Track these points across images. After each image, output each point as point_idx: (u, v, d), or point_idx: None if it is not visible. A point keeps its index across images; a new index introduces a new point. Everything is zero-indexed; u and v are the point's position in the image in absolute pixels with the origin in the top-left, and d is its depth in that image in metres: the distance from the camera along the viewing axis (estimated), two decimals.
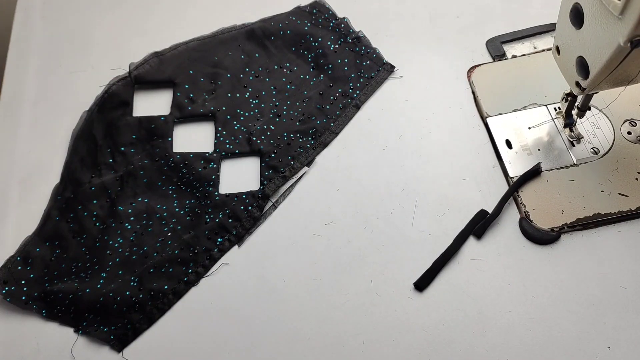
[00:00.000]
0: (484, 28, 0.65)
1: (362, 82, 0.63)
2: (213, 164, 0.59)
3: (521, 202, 0.54)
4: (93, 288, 0.53)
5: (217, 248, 0.55)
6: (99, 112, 0.62)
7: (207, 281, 0.54)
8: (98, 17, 0.71)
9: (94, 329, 0.52)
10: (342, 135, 0.61)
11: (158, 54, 0.65)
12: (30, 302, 0.53)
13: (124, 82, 0.63)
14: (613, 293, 0.50)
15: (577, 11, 0.44)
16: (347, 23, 0.67)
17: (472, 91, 0.61)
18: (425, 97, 0.62)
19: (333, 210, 0.56)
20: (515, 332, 0.49)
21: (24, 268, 0.54)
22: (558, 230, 0.52)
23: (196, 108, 0.62)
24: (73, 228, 0.56)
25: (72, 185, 0.58)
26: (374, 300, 0.52)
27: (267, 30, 0.66)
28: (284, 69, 0.65)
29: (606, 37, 0.42)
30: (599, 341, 0.48)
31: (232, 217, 0.56)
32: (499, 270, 0.52)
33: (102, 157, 0.60)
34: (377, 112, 0.62)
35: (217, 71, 0.64)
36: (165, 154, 0.59)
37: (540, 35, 0.64)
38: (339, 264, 0.53)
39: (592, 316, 0.49)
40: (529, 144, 0.57)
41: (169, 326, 0.52)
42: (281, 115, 0.61)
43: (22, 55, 0.68)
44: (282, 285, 0.53)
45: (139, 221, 0.56)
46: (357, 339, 0.50)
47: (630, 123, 0.57)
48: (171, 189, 0.58)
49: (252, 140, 0.60)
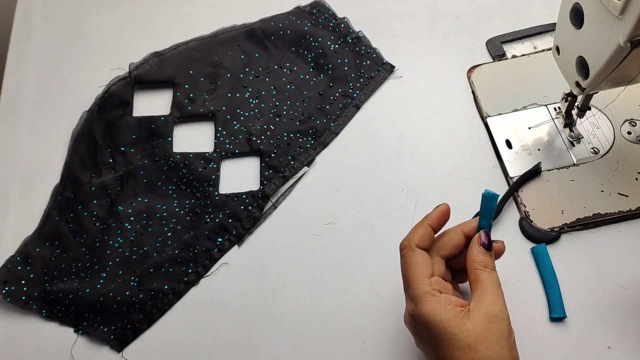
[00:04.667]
0: (484, 28, 0.65)
1: (362, 82, 0.63)
2: (213, 164, 0.59)
3: (521, 202, 0.54)
4: (93, 288, 0.53)
5: (217, 248, 0.55)
6: (99, 112, 0.62)
7: (207, 281, 0.54)
8: (98, 17, 0.71)
9: (94, 329, 0.52)
10: (342, 135, 0.61)
11: (158, 54, 0.65)
12: (30, 302, 0.53)
13: (124, 82, 0.63)
14: (613, 293, 0.50)
15: (577, 11, 0.44)
16: (347, 23, 0.67)
17: (472, 91, 0.61)
18: (425, 97, 0.62)
19: (333, 210, 0.56)
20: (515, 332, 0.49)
21: (24, 268, 0.54)
22: (558, 230, 0.52)
23: (196, 108, 0.62)
24: (73, 228, 0.56)
25: (72, 185, 0.58)
26: (374, 300, 0.52)
27: (267, 30, 0.66)
28: (284, 69, 0.65)
29: (606, 37, 0.42)
30: (599, 341, 0.48)
31: (232, 217, 0.56)
32: (499, 271, 0.51)
33: (102, 157, 0.60)
34: (377, 112, 0.62)
35: (217, 71, 0.64)
36: (165, 154, 0.59)
37: (540, 35, 0.64)
38: (339, 264, 0.53)
39: (592, 316, 0.49)
40: (529, 144, 0.57)
41: (169, 326, 0.52)
42: (281, 115, 0.61)
43: (22, 55, 0.68)
44: (282, 285, 0.53)
45: (139, 221, 0.56)
46: (357, 339, 0.50)
47: (630, 123, 0.57)
48: (171, 189, 0.58)
49: (252, 140, 0.60)
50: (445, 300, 0.40)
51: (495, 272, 0.42)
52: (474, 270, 0.42)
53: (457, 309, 0.40)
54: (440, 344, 0.39)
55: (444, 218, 0.44)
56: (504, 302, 0.41)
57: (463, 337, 0.38)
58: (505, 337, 0.39)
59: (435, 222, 0.44)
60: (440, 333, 0.39)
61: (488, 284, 0.41)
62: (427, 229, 0.43)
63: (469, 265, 0.42)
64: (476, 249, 0.42)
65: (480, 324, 0.39)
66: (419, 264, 0.41)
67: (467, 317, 0.39)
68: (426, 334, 0.40)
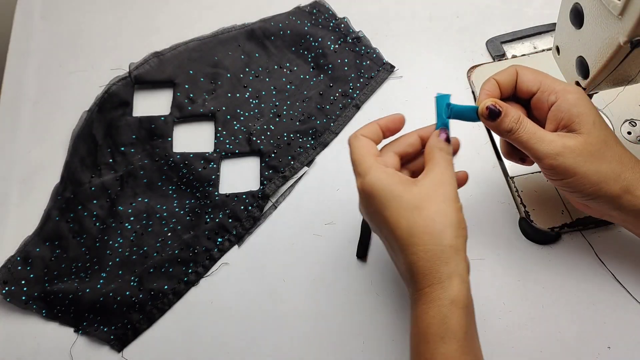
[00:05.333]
0: (484, 28, 0.65)
1: (362, 82, 0.63)
2: (213, 164, 0.59)
3: (521, 202, 0.54)
4: (93, 288, 0.53)
5: (217, 248, 0.55)
6: (99, 112, 0.62)
7: (207, 281, 0.54)
8: (98, 17, 0.71)
9: (94, 329, 0.52)
10: (342, 135, 0.61)
11: (158, 54, 0.65)
12: (30, 302, 0.53)
13: (124, 82, 0.63)
14: (613, 293, 0.50)
15: (577, 11, 0.44)
16: (347, 23, 0.67)
17: (472, 91, 0.61)
18: (425, 97, 0.62)
19: (333, 210, 0.56)
20: (515, 332, 0.49)
21: (24, 268, 0.54)
22: (558, 230, 0.52)
23: (196, 108, 0.62)
24: (73, 228, 0.56)
25: (72, 185, 0.58)
26: (373, 300, 0.52)
27: (267, 30, 0.66)
28: (284, 69, 0.65)
29: (606, 37, 0.42)
30: (599, 341, 0.48)
31: (232, 217, 0.56)
32: (499, 270, 0.52)
33: (102, 157, 0.60)
34: (377, 112, 0.62)
35: (217, 71, 0.64)
36: (165, 154, 0.59)
37: (540, 35, 0.64)
38: (339, 264, 0.53)
39: (592, 316, 0.49)
40: None
41: (169, 326, 0.52)
42: (281, 115, 0.61)
43: (22, 55, 0.68)
44: (282, 285, 0.53)
45: (139, 221, 0.56)
46: (357, 339, 0.50)
47: (630, 123, 0.57)
48: (171, 189, 0.58)
49: (252, 140, 0.60)
50: (391, 170, 0.42)
51: (449, 155, 0.42)
52: (429, 152, 0.43)
53: (403, 177, 0.41)
54: (387, 207, 0.40)
55: (395, 123, 0.45)
56: (454, 179, 0.41)
57: (409, 197, 0.40)
58: (452, 199, 0.40)
59: (383, 123, 0.45)
60: (387, 197, 0.40)
61: (439, 160, 0.42)
62: (374, 125, 0.45)
63: (426, 151, 0.43)
64: (435, 138, 0.43)
65: (426, 187, 0.40)
66: (363, 145, 0.43)
67: (413, 183, 0.41)
68: (374, 203, 0.41)
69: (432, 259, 0.38)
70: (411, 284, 0.40)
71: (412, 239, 0.39)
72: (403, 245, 0.40)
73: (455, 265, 0.38)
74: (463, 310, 0.38)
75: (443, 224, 0.39)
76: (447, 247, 0.38)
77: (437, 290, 0.38)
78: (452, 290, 0.38)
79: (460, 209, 0.40)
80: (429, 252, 0.38)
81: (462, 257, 0.39)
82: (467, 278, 0.39)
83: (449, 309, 0.38)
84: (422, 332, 0.39)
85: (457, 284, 0.38)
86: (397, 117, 0.45)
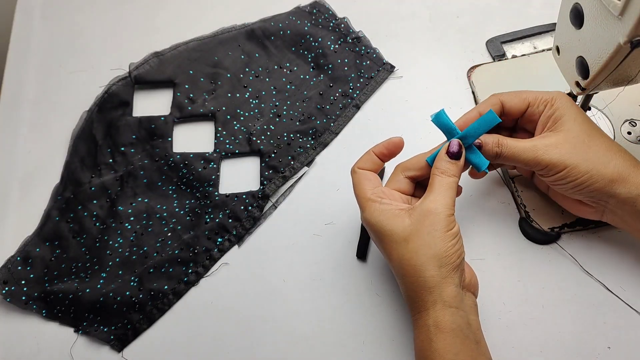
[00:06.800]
0: (484, 28, 0.65)
1: (362, 82, 0.63)
2: (213, 164, 0.59)
3: (521, 203, 0.54)
4: (93, 288, 0.53)
5: (217, 248, 0.55)
6: (99, 112, 0.62)
7: (207, 281, 0.54)
8: (98, 17, 0.71)
9: (94, 329, 0.52)
10: (342, 135, 0.61)
11: (158, 54, 0.65)
12: (30, 302, 0.53)
13: (124, 82, 0.63)
14: (613, 293, 0.50)
15: (577, 11, 0.44)
16: (347, 23, 0.67)
17: (472, 91, 0.61)
18: (425, 97, 0.62)
19: (333, 210, 0.56)
20: (515, 332, 0.49)
21: (24, 268, 0.54)
22: (558, 230, 0.52)
23: (196, 108, 0.62)
24: (73, 228, 0.56)
25: (72, 185, 0.58)
26: (373, 300, 0.52)
27: (267, 30, 0.66)
28: (284, 69, 0.65)
29: (606, 37, 0.42)
30: (599, 341, 0.48)
31: (232, 217, 0.56)
32: (499, 270, 0.52)
33: (102, 157, 0.60)
34: (377, 112, 0.62)
35: (217, 71, 0.64)
36: (165, 154, 0.59)
37: (540, 35, 0.64)
38: (339, 264, 0.54)
39: (592, 316, 0.49)
40: None
41: (169, 326, 0.52)
42: (281, 115, 0.61)
43: (22, 55, 0.68)
44: (282, 285, 0.53)
45: (139, 221, 0.56)
46: (357, 339, 0.50)
47: (630, 123, 0.57)
48: (171, 189, 0.58)
49: (252, 140, 0.60)
50: (386, 203, 0.44)
51: (451, 178, 0.44)
52: (431, 176, 0.45)
53: (396, 210, 0.43)
54: (383, 241, 0.43)
55: (389, 148, 0.47)
56: (449, 201, 0.43)
57: (399, 232, 0.42)
58: (439, 229, 0.41)
59: (378, 149, 0.47)
60: (381, 232, 0.43)
61: (436, 186, 0.44)
62: (370, 154, 0.47)
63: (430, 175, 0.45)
64: (439, 159, 0.45)
65: (415, 219, 0.42)
66: (361, 180, 0.46)
67: (406, 215, 0.43)
68: (374, 236, 0.45)
69: (417, 289, 0.42)
70: (409, 309, 0.44)
71: (401, 271, 0.43)
72: (396, 275, 0.44)
73: (438, 294, 0.41)
74: (449, 334, 0.40)
75: (426, 256, 0.41)
76: (429, 277, 0.41)
77: (423, 317, 0.42)
78: (436, 316, 0.41)
79: (452, 235, 0.42)
80: (414, 284, 0.42)
81: (449, 283, 0.41)
82: (454, 303, 0.41)
83: (434, 334, 0.41)
84: (417, 355, 0.43)
85: (440, 309, 0.41)
86: (392, 141, 0.47)
